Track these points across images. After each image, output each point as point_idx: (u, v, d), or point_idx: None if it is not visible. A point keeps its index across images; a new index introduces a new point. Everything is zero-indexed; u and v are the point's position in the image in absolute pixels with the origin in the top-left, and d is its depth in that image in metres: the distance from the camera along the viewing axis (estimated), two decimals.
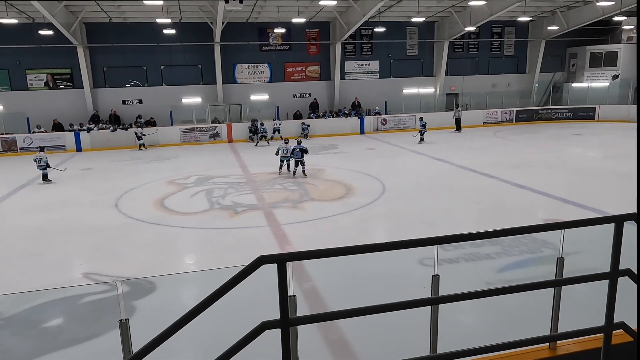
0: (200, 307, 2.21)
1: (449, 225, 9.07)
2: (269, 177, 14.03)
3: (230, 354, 2.25)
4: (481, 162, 15.13)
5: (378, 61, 26.76)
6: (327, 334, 4.95)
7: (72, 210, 10.92)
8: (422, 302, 2.70)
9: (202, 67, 24.45)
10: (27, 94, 22.60)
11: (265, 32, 24.71)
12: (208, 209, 10.66)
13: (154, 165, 17.06)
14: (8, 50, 21.65)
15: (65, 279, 7.04)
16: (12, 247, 8.54)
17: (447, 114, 25.41)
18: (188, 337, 2.58)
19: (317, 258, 2.35)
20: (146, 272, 7.03)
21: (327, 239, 8.46)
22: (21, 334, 5.54)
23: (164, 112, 23.26)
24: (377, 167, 15.05)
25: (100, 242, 8.65)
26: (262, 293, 3.41)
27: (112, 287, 6.41)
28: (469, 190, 11.76)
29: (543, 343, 3.12)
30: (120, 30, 22.80)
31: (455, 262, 6.92)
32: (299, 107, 25.09)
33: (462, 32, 25.16)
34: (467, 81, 28.02)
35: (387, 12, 23.39)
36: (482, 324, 5.35)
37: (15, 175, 15.66)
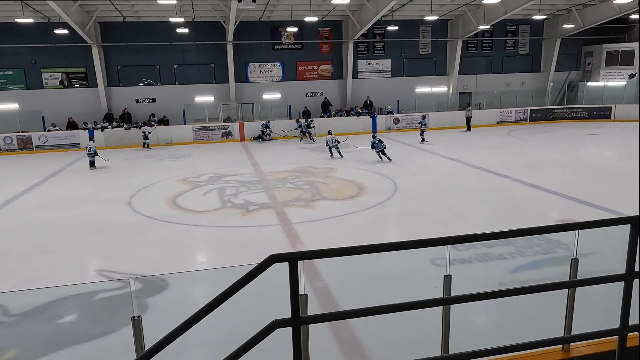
0: (212, 305, 2.22)
1: (461, 225, 9.01)
2: (281, 175, 14.06)
3: (241, 352, 2.25)
4: (494, 161, 15.00)
5: (391, 60, 26.65)
6: (338, 334, 4.95)
7: (86, 208, 11.05)
8: (434, 302, 2.68)
9: (214, 66, 24.58)
10: (43, 93, 22.92)
11: (277, 31, 24.76)
12: (220, 208, 10.72)
13: (167, 163, 17.19)
14: (24, 50, 21.98)
15: (79, 276, 7.12)
16: (28, 243, 8.67)
17: (459, 113, 25.22)
18: (200, 335, 2.60)
19: (329, 257, 2.35)
20: (159, 269, 7.09)
21: (339, 238, 8.45)
22: (36, 329, 5.62)
23: (177, 110, 23.44)
24: (389, 166, 15.00)
25: (114, 240, 8.74)
26: (273, 291, 3.41)
27: (125, 285, 6.47)
28: (482, 189, 11.66)
29: (556, 345, 3.08)
30: (134, 29, 23.01)
31: (468, 263, 6.87)
32: (311, 106, 25.08)
33: (476, 30, 24.94)
34: (480, 80, 27.79)
35: (400, 11, 23.28)
36: (495, 324, 5.30)
37: (31, 172, 15.90)
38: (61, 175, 15.45)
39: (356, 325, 4.98)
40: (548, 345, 2.76)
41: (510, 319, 5.22)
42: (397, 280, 6.17)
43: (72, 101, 22.98)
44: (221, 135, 22.85)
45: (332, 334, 4.91)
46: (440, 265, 6.17)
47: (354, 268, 6.18)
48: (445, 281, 3.06)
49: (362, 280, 6.18)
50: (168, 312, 5.63)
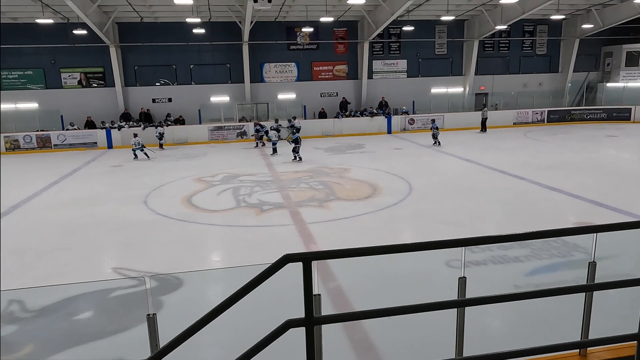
0: (226, 303, 2.23)
1: (476, 226, 8.93)
2: (295, 176, 14.09)
3: (255, 351, 2.26)
4: (510, 163, 14.83)
5: (406, 60, 26.54)
6: (352, 334, 4.94)
7: (103, 206, 11.20)
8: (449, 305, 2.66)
9: (230, 66, 24.73)
10: (62, 92, 23.31)
11: (293, 31, 24.82)
12: (234, 207, 10.77)
13: (182, 162, 17.35)
14: (44, 50, 22.39)
15: (96, 273, 7.22)
16: (46, 240, 8.82)
17: (475, 114, 25.01)
18: (213, 333, 2.61)
19: (343, 257, 2.34)
20: (173, 268, 7.16)
21: (353, 239, 8.44)
22: (52, 325, 5.71)
23: (192, 110, 23.66)
24: (404, 167, 14.93)
25: (130, 238, 8.85)
26: (286, 291, 3.42)
27: (140, 282, 6.54)
28: (498, 191, 11.54)
29: (573, 349, 3.03)
30: (151, 29, 23.27)
31: (483, 265, 6.81)
32: (326, 106, 25.10)
33: (493, 30, 24.69)
34: (497, 81, 27.51)
35: (416, 11, 23.16)
36: (510, 328, 5.24)
37: (49, 171, 16.18)
38: (79, 174, 15.69)
39: (369, 327, 4.96)
40: (564, 349, 2.72)
41: (525, 323, 5.15)
42: (411, 282, 6.13)
43: (90, 101, 23.33)
44: (236, 135, 22.98)
45: (345, 335, 4.90)
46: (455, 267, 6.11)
47: (368, 269, 6.16)
48: (460, 283, 3.03)
49: (375, 281, 6.16)
50: (182, 310, 5.68)
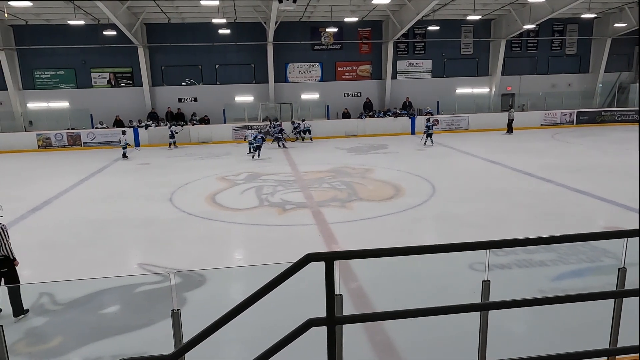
0: (249, 301, 2.26)
1: (500, 229, 8.78)
2: (317, 175, 14.11)
3: (276, 349, 2.28)
4: (537, 165, 14.53)
5: (431, 60, 26.29)
6: (372, 335, 4.92)
7: (130, 203, 11.44)
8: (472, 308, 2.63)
9: (254, 66, 24.94)
10: (91, 92, 23.91)
11: (317, 32, 24.86)
12: (257, 206, 10.86)
13: (207, 161, 17.58)
14: (75, 50, 22.99)
15: (122, 268, 7.38)
16: (75, 236, 9.05)
17: (501, 115, 24.59)
18: (235, 330, 2.64)
19: (365, 258, 2.35)
20: (197, 265, 7.26)
21: (375, 240, 8.40)
22: (80, 318, 5.86)
23: (217, 110, 23.96)
24: (427, 168, 14.79)
25: (155, 235, 9.01)
26: (307, 290, 3.43)
27: (165, 278, 6.67)
28: (523, 193, 11.32)
29: (601, 357, 2.96)
30: (178, 30, 23.66)
31: (507, 268, 6.69)
32: (349, 107, 25.07)
33: (521, 30, 24.21)
34: (524, 81, 26.98)
35: (441, 11, 22.92)
36: (535, 333, 5.14)
37: (79, 168, 16.61)
38: (107, 171, 16.07)
39: (391, 328, 4.94)
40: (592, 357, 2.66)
41: (551, 329, 5.05)
42: (433, 284, 6.08)
43: (118, 100, 23.86)
44: None
45: (366, 336, 4.89)
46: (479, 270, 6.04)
47: (390, 270, 6.14)
48: (484, 286, 3.00)
49: (397, 283, 6.12)
50: (205, 306, 5.76)
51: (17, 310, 5.56)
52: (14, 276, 5.78)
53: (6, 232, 5.73)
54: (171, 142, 21.31)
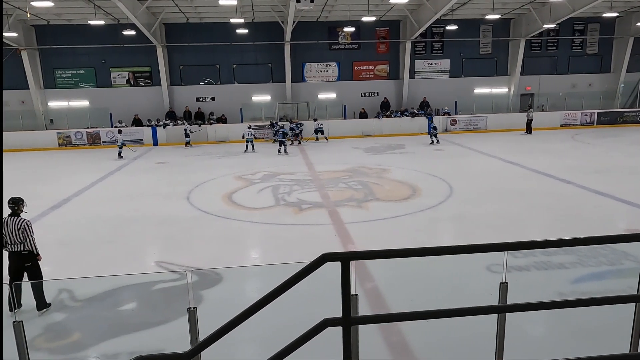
0: (264, 300, 2.26)
1: (519, 231, 8.67)
2: (334, 175, 14.10)
3: (292, 348, 2.28)
4: (557, 166, 14.30)
5: (449, 60, 26.07)
6: (388, 336, 4.90)
7: (147, 201, 11.58)
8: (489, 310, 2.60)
9: (272, 66, 25.04)
10: (111, 91, 24.29)
11: (334, 31, 24.85)
12: (274, 205, 10.89)
13: (224, 160, 17.70)
14: (95, 50, 23.38)
15: (139, 266, 7.47)
16: (94, 233, 9.20)
17: (519, 115, 24.28)
18: (251, 329, 2.65)
19: (381, 258, 2.33)
20: (214, 263, 7.31)
21: (391, 240, 8.37)
22: (98, 315, 5.96)
23: (234, 109, 24.12)
24: (445, 168, 14.67)
25: (172, 233, 9.10)
26: (322, 290, 3.43)
27: (182, 277, 6.74)
28: (542, 195, 11.15)
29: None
30: (196, 30, 23.87)
31: (525, 270, 6.60)
32: (366, 106, 25.01)
33: (541, 29, 23.86)
34: (544, 81, 26.58)
35: (460, 10, 22.71)
36: (553, 337, 5.06)
37: (98, 166, 16.88)
38: (125, 170, 16.30)
39: (407, 329, 4.91)
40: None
41: (570, 332, 4.96)
42: (449, 285, 6.03)
43: (137, 99, 24.19)
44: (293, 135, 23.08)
45: (381, 336, 4.87)
46: (496, 272, 5.97)
47: (406, 271, 6.10)
48: (501, 288, 2.96)
49: (413, 284, 6.09)
50: (221, 305, 5.80)
51: (40, 304, 5.69)
52: (37, 271, 5.91)
53: (30, 228, 5.85)
54: (187, 141, 21.52)
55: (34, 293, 5.66)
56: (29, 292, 5.72)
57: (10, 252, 5.75)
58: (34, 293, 5.66)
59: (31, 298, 5.67)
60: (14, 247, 5.73)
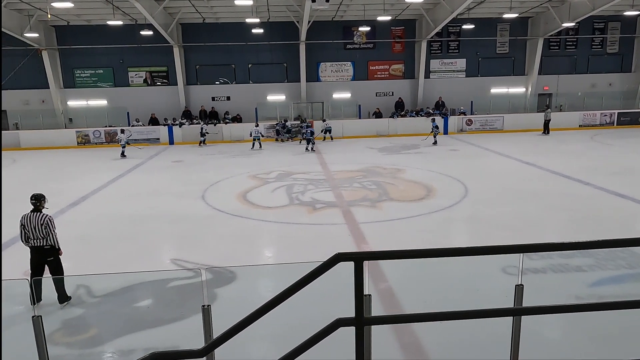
0: (278, 298, 2.27)
1: (535, 233, 8.55)
2: (348, 175, 14.09)
3: (304, 348, 2.29)
4: (575, 167, 14.08)
5: (465, 59, 25.84)
6: (401, 337, 4.87)
7: (163, 200, 11.70)
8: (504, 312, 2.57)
9: (287, 66, 25.10)
10: (128, 90, 24.60)
11: (349, 31, 24.81)
12: (288, 204, 10.92)
13: (238, 159, 17.80)
14: (114, 50, 23.70)
15: (155, 263, 7.55)
16: (110, 230, 9.33)
17: (537, 115, 23.95)
18: (263, 327, 2.66)
19: (395, 259, 2.33)
20: (228, 261, 7.36)
21: (405, 240, 8.33)
22: (115, 311, 6.04)
23: (249, 108, 24.23)
24: (460, 168, 14.54)
25: (187, 231, 9.19)
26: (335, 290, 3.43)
27: (196, 274, 6.79)
28: (560, 196, 10.99)
29: None
30: (212, 30, 24.05)
31: (542, 273, 6.51)
32: (381, 106, 24.92)
33: (559, 28, 23.50)
34: (562, 81, 26.17)
35: (476, 9, 22.49)
36: (570, 341, 4.99)
37: (115, 164, 17.11)
38: (142, 168, 16.49)
39: (420, 330, 4.88)
40: None
41: (587, 336, 4.89)
42: (464, 287, 5.98)
43: (154, 98, 24.46)
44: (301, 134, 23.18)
45: (394, 337, 4.85)
46: (512, 273, 5.91)
47: (420, 271, 6.07)
48: (517, 290, 2.93)
49: (427, 285, 6.05)
50: (235, 303, 5.83)
51: (62, 297, 5.85)
52: (59, 265, 6.06)
53: (53, 223, 6.00)
54: (201, 140, 21.70)
55: (55, 287, 5.81)
56: (49, 286, 5.85)
57: (32, 247, 5.90)
58: (56, 287, 5.81)
59: (52, 292, 5.80)
60: (36, 242, 5.87)
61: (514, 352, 3.03)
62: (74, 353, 5.00)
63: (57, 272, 6.01)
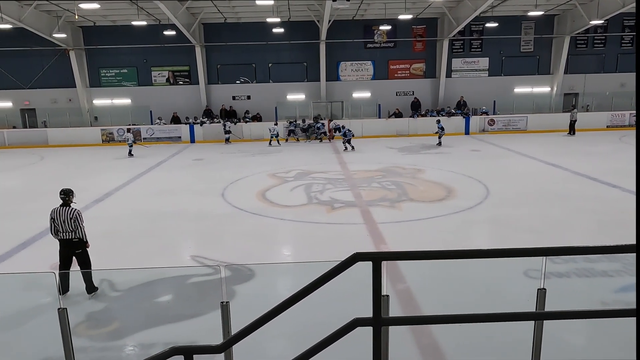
0: (296, 297, 2.27)
1: (559, 236, 8.37)
2: (367, 174, 14.03)
3: (321, 346, 2.28)
4: (602, 169, 13.73)
5: (488, 58, 25.48)
6: (419, 339, 4.83)
7: (184, 197, 11.84)
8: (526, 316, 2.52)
9: (307, 65, 25.13)
10: (151, 89, 25.00)
11: (370, 30, 24.71)
12: (306, 203, 10.93)
13: (258, 158, 17.91)
14: (138, 50, 24.10)
15: (175, 259, 7.65)
16: (133, 227, 9.49)
17: (562, 115, 23.44)
18: (281, 325, 2.66)
19: (414, 259, 2.30)
20: (246, 259, 7.41)
21: (424, 241, 8.25)
22: (137, 305, 6.14)
23: (269, 107, 24.35)
24: (481, 169, 14.34)
25: (207, 228, 9.28)
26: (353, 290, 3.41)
27: (215, 271, 6.86)
28: (586, 199, 10.73)
29: None
30: (234, 29, 24.24)
31: (566, 277, 6.37)
32: (401, 106, 24.75)
33: (587, 26, 22.93)
34: (589, 80, 25.55)
35: (500, 7, 22.13)
36: (595, 348, 4.87)
37: (138, 162, 17.39)
38: (163, 166, 16.72)
39: (439, 332, 4.83)
40: None
41: (611, 343, 4.76)
42: (484, 290, 5.89)
43: (176, 97, 24.81)
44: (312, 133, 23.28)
45: (412, 339, 4.80)
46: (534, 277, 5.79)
47: (439, 273, 6.00)
48: (539, 295, 2.86)
49: (446, 286, 5.98)
50: (253, 300, 5.86)
51: (90, 288, 6.07)
52: (86, 257, 6.28)
53: (81, 217, 6.22)
54: (226, 137, 21.89)
55: (84, 278, 6.05)
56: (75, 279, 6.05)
57: (61, 239, 6.14)
58: (84, 278, 6.05)
59: (78, 284, 6.01)
60: (65, 236, 6.10)
61: (535, 357, 2.97)
62: (97, 345, 5.10)
63: (85, 264, 6.25)
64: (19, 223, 9.69)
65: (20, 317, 5.74)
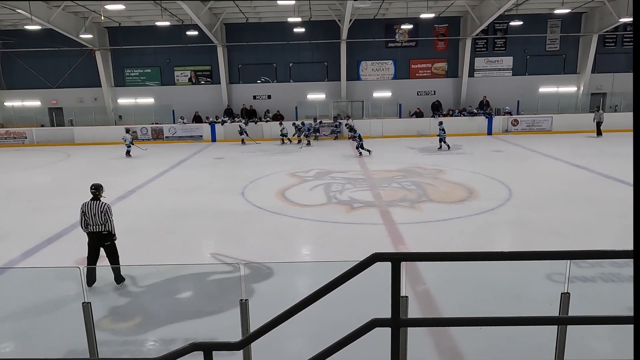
0: (314, 296, 2.27)
1: (584, 239, 8.18)
2: (387, 175, 13.95)
3: (339, 346, 2.28)
4: (630, 171, 13.32)
5: (512, 57, 25.05)
6: (439, 341, 4.77)
7: (204, 195, 11.97)
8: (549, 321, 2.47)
9: (327, 64, 25.13)
10: (174, 89, 25.35)
11: (391, 29, 24.56)
12: (325, 203, 10.93)
13: (278, 157, 17.98)
14: (161, 50, 24.48)
15: (196, 257, 7.74)
16: (155, 224, 9.63)
17: (589, 115, 22.88)
18: (299, 324, 2.67)
19: (434, 260, 2.27)
20: (265, 257, 7.44)
21: (444, 243, 8.15)
22: (158, 301, 6.24)
23: (290, 107, 24.42)
24: (504, 170, 14.12)
25: (227, 226, 9.36)
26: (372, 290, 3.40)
27: (235, 269, 6.91)
28: (612, 201, 10.45)
29: None
30: (255, 29, 24.39)
31: (591, 282, 6.22)
32: (422, 106, 24.55)
33: (616, 24, 22.33)
34: (618, 79, 24.82)
35: (525, 4, 21.72)
36: (621, 355, 4.73)
37: (161, 160, 17.64)
38: (185, 165, 16.94)
39: (458, 335, 4.76)
40: None
41: None
42: (505, 293, 5.79)
43: (198, 97, 25.11)
44: (330, 132, 23.30)
45: (431, 341, 4.75)
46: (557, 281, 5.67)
47: (459, 275, 5.93)
48: (563, 299, 2.80)
49: (467, 289, 5.91)
50: (272, 298, 5.89)
51: (118, 279, 6.32)
52: (114, 249, 6.53)
53: (110, 211, 6.45)
54: (242, 138, 22.03)
55: (113, 270, 6.31)
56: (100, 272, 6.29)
57: (90, 232, 6.38)
58: (113, 270, 6.31)
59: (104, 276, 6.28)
60: (95, 228, 6.34)
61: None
62: (119, 339, 5.19)
63: (113, 256, 6.49)
64: (46, 219, 9.94)
65: (46, 309, 5.90)
